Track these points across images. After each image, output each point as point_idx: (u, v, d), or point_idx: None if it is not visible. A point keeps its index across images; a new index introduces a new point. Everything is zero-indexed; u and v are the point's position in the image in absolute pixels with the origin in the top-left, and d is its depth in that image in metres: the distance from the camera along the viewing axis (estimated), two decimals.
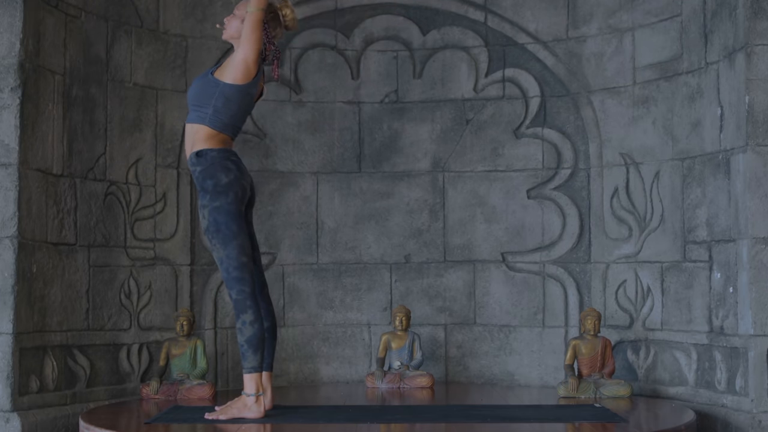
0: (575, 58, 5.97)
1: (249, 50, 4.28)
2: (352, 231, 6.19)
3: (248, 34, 4.28)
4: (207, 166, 4.29)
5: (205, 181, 4.29)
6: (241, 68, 4.30)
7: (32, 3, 4.80)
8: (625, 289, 5.70)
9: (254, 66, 4.31)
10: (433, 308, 6.14)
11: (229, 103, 4.33)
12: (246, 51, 4.28)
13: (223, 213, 4.26)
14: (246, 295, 4.27)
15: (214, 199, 4.27)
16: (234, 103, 4.34)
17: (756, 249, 4.71)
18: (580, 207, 5.95)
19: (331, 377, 6.11)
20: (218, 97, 4.32)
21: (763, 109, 4.74)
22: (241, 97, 4.34)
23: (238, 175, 4.32)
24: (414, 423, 4.39)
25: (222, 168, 4.30)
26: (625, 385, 5.19)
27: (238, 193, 4.31)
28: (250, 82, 4.34)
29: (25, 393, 4.71)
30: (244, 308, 4.27)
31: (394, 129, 6.23)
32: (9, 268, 4.64)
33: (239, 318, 4.28)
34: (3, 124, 4.68)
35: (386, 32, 6.22)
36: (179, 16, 5.83)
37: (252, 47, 4.29)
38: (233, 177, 4.29)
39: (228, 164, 4.31)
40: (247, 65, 4.29)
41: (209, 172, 4.29)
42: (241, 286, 4.27)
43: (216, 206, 4.27)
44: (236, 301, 4.28)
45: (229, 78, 4.32)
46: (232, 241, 4.27)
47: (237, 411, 4.29)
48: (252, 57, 4.29)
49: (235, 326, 4.32)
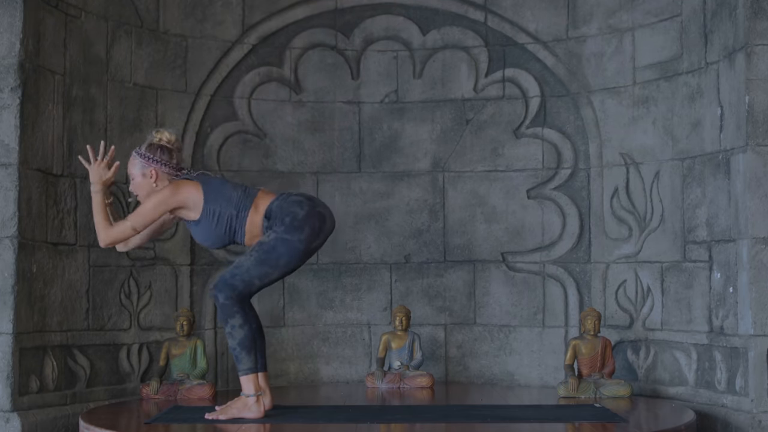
0: (575, 58, 5.97)
1: (140, 220, 4.28)
2: (352, 231, 6.19)
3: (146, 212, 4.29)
4: (279, 211, 4.24)
5: (284, 218, 4.22)
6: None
7: (32, 3, 4.79)
8: (625, 289, 5.70)
9: (151, 222, 4.30)
10: (433, 308, 6.14)
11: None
12: (136, 220, 4.28)
13: (287, 246, 4.21)
14: (233, 301, 4.23)
15: (288, 232, 4.21)
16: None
17: (756, 249, 4.71)
18: (580, 207, 5.95)
19: (331, 377, 6.11)
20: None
21: (763, 109, 4.74)
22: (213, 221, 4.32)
23: (313, 206, 4.28)
24: (414, 423, 4.39)
25: (295, 203, 4.26)
26: (625, 385, 5.19)
27: (315, 227, 4.25)
28: (204, 211, 4.31)
29: (25, 393, 4.71)
30: (231, 313, 4.25)
31: (394, 129, 6.23)
32: (9, 268, 4.64)
33: (228, 323, 4.25)
34: (3, 124, 4.68)
35: (386, 32, 6.22)
36: (179, 16, 5.83)
37: (144, 221, 4.28)
38: (308, 209, 4.25)
39: (299, 198, 4.30)
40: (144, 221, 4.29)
41: (285, 209, 4.24)
42: (232, 293, 4.24)
43: (285, 238, 4.21)
44: (223, 306, 4.25)
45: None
46: (266, 268, 4.22)
47: (237, 411, 4.29)
48: (142, 225, 4.29)
49: (225, 331, 4.30)
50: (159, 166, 4.31)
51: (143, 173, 4.32)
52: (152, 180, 4.31)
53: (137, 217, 4.27)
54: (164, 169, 4.32)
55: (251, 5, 6.04)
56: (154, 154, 4.32)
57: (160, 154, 4.32)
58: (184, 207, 4.29)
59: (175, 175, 4.33)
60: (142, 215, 4.26)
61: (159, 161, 4.31)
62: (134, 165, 4.35)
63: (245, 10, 6.03)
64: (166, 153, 4.33)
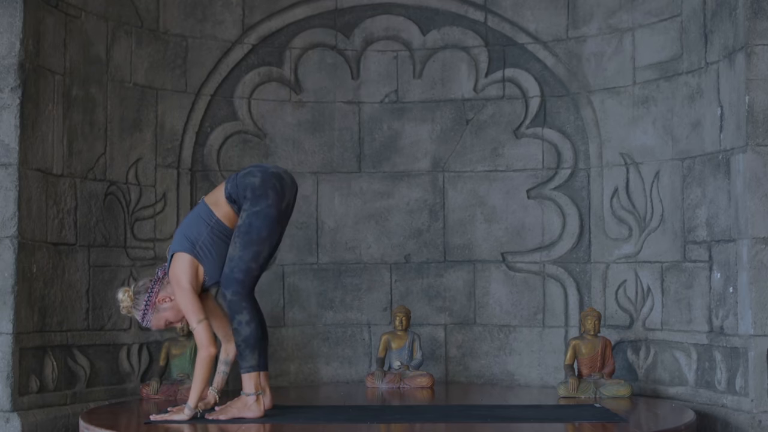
0: (575, 58, 5.97)
1: (196, 317, 4.30)
2: (352, 231, 6.19)
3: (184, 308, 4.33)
4: (235, 190, 4.31)
5: (245, 192, 4.30)
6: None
7: (32, 3, 4.80)
8: (625, 289, 5.70)
9: (197, 301, 4.32)
10: (433, 308, 6.14)
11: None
12: (195, 323, 4.30)
13: (260, 217, 4.28)
14: (241, 297, 4.28)
15: (254, 203, 4.28)
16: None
17: (756, 249, 4.71)
18: (580, 207, 5.95)
19: (331, 377, 6.11)
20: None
21: (763, 109, 4.74)
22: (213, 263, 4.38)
23: (267, 172, 4.36)
24: (414, 423, 4.39)
25: (247, 175, 4.34)
26: (625, 385, 5.19)
27: (277, 189, 4.32)
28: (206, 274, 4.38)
29: (25, 393, 4.71)
30: (239, 309, 4.27)
31: (394, 129, 6.23)
32: (9, 268, 4.64)
33: (235, 318, 4.28)
34: (3, 124, 4.68)
35: (386, 32, 6.22)
36: (179, 16, 5.83)
37: (198, 311, 4.30)
38: (263, 176, 4.33)
39: (250, 170, 4.38)
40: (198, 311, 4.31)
41: (240, 186, 4.31)
42: (239, 287, 4.27)
43: (255, 210, 4.28)
44: (231, 302, 4.28)
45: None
46: (253, 247, 4.28)
47: (237, 411, 4.29)
48: (200, 314, 4.30)
49: (231, 327, 4.32)
50: (155, 293, 4.36)
51: (163, 310, 4.37)
52: (170, 302, 4.36)
53: (189, 317, 4.29)
54: (157, 289, 4.36)
55: (251, 5, 6.04)
56: (142, 301, 4.35)
57: (143, 295, 4.35)
58: (195, 275, 4.33)
59: (164, 281, 4.38)
60: (187, 311, 4.29)
61: (149, 295, 4.35)
62: (158, 319, 4.39)
63: (245, 10, 6.03)
64: (141, 290, 4.36)
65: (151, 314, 4.36)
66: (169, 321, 4.42)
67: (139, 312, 4.36)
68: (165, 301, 4.36)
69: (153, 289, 4.36)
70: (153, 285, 4.37)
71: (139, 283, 4.41)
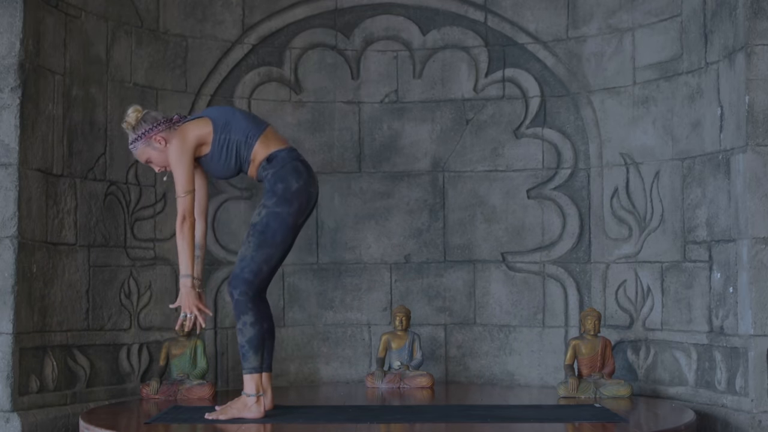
0: (575, 58, 5.97)
1: (183, 186, 4.27)
2: (352, 231, 6.19)
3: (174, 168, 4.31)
4: (278, 169, 4.30)
5: (276, 185, 4.28)
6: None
7: (32, 3, 4.80)
8: (625, 289, 5.70)
9: (191, 173, 4.30)
10: (433, 308, 6.14)
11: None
12: (180, 189, 4.27)
13: (279, 221, 4.26)
14: (248, 298, 4.28)
15: (279, 204, 4.27)
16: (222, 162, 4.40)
17: (756, 249, 4.71)
18: (580, 207, 5.95)
19: (331, 377, 6.11)
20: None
21: (763, 109, 4.74)
22: (225, 153, 4.37)
23: (308, 181, 4.35)
24: (414, 423, 4.39)
25: (293, 171, 4.32)
26: (625, 385, 5.19)
27: (303, 204, 4.31)
28: (213, 144, 4.36)
29: (25, 393, 4.71)
30: (245, 309, 4.27)
31: (394, 129, 6.23)
32: (9, 268, 4.64)
33: (240, 319, 4.28)
34: (3, 124, 4.68)
35: (386, 32, 6.22)
36: (179, 16, 5.83)
37: (187, 181, 4.28)
38: (302, 184, 4.31)
39: (299, 166, 4.35)
40: (188, 181, 4.29)
41: (281, 174, 4.29)
42: (246, 288, 4.27)
43: (276, 212, 4.27)
44: (237, 302, 4.28)
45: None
46: (267, 249, 4.27)
47: (237, 411, 4.29)
48: (189, 185, 4.27)
49: (236, 327, 4.32)
50: (157, 131, 4.33)
51: (153, 148, 4.34)
52: (163, 145, 4.33)
53: (177, 184, 4.26)
54: (161, 128, 4.33)
55: (251, 5, 6.04)
56: (142, 128, 4.33)
57: (146, 124, 4.33)
58: (201, 143, 4.31)
59: (170, 124, 4.35)
60: (178, 177, 4.26)
61: (151, 129, 4.32)
62: (143, 152, 4.37)
63: (245, 10, 6.03)
64: (148, 119, 4.34)
65: (140, 144, 4.33)
66: (151, 161, 4.38)
67: (133, 135, 4.33)
68: (160, 142, 4.32)
69: (159, 125, 4.32)
70: (161, 122, 4.33)
71: (152, 113, 4.39)
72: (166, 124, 4.33)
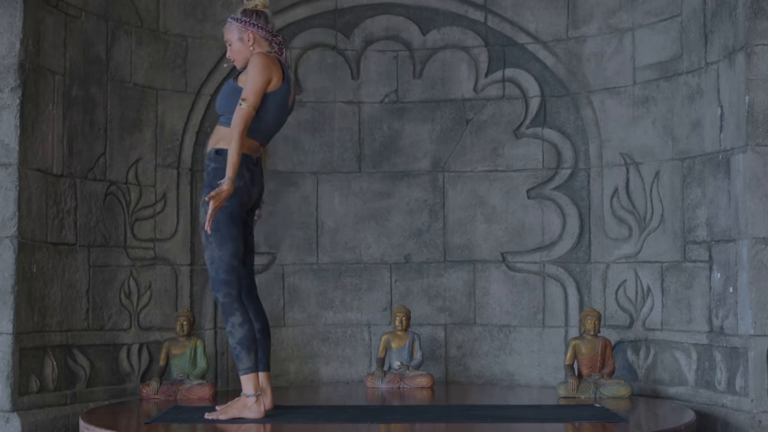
0: (575, 58, 5.97)
1: (252, 97, 4.24)
2: (352, 231, 6.19)
3: (252, 81, 4.26)
4: (222, 167, 4.25)
5: (215, 180, 4.24)
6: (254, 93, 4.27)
7: (32, 3, 4.80)
8: (625, 289, 5.70)
9: (263, 92, 4.27)
10: (433, 308, 6.14)
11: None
12: (249, 97, 4.24)
13: (226, 214, 4.25)
14: (233, 298, 4.27)
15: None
16: (260, 110, 4.29)
17: (756, 249, 4.71)
18: (580, 207, 5.95)
19: (331, 377, 6.11)
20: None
21: (763, 109, 4.74)
22: (266, 104, 4.31)
23: (248, 183, 4.31)
24: (414, 423, 4.39)
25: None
26: (625, 385, 5.19)
27: (243, 199, 4.31)
28: (275, 91, 4.32)
29: (25, 393, 4.71)
30: (231, 311, 4.27)
31: (394, 129, 6.23)
32: (9, 268, 4.64)
33: (228, 321, 4.27)
34: (3, 124, 4.68)
35: (386, 32, 6.22)
36: (179, 16, 5.83)
37: (256, 95, 4.25)
38: (242, 184, 4.26)
39: (242, 170, 4.27)
40: (257, 96, 4.25)
41: (222, 173, 4.24)
42: (228, 289, 4.26)
43: (223, 206, 4.26)
44: (223, 304, 4.28)
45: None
46: (228, 243, 4.26)
47: (237, 411, 4.29)
48: (256, 100, 4.24)
49: (225, 330, 4.30)
50: (256, 30, 4.37)
51: (240, 38, 4.38)
52: (250, 43, 4.37)
53: (248, 93, 4.23)
54: (261, 33, 4.38)
55: None
56: (250, 18, 4.38)
57: (255, 18, 4.39)
58: (269, 83, 4.30)
59: (271, 38, 4.40)
60: (250, 87, 4.24)
61: (256, 25, 4.38)
62: (231, 31, 4.41)
63: None
64: (261, 17, 4.40)
65: (237, 25, 4.36)
66: (230, 43, 4.41)
67: (240, 15, 4.38)
68: (249, 39, 4.36)
69: (262, 29, 4.37)
70: (266, 30, 4.38)
71: (270, 19, 4.44)
72: (267, 33, 4.38)
